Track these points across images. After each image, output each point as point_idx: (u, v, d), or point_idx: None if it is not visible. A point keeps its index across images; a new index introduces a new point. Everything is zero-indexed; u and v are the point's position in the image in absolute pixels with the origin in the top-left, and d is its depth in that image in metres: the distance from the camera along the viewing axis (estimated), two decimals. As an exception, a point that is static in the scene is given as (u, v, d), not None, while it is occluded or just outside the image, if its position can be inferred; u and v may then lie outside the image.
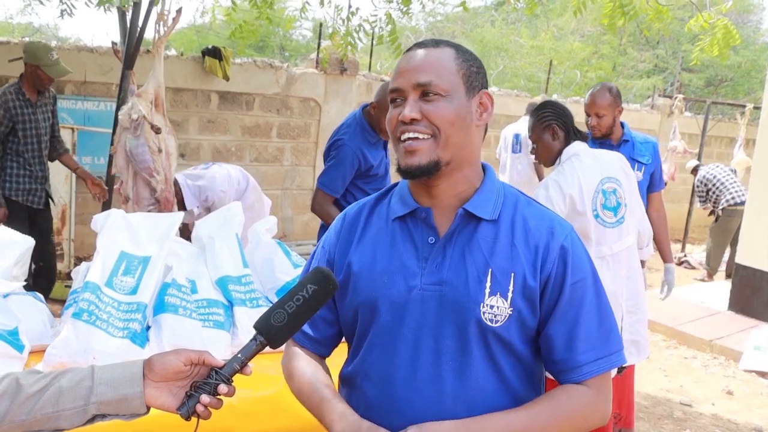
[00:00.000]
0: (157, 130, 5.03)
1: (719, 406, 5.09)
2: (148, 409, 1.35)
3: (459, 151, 1.51)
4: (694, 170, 9.66)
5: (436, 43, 1.55)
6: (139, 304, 2.39)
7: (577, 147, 3.34)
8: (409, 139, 1.48)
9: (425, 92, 1.48)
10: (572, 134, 3.38)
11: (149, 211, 4.80)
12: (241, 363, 1.37)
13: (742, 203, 8.45)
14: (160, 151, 4.85)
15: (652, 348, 6.22)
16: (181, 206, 5.15)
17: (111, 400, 1.31)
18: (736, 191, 8.84)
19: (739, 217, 8.14)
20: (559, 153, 3.37)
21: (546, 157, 3.43)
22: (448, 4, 21.66)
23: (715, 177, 9.09)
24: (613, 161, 3.37)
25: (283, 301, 1.39)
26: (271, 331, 1.37)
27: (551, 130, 3.37)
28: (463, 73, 1.52)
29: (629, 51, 20.72)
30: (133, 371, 1.34)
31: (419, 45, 1.55)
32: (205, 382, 1.35)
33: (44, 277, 5.20)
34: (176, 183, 5.07)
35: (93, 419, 1.32)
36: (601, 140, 4.12)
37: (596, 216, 3.27)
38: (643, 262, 3.75)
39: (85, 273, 2.49)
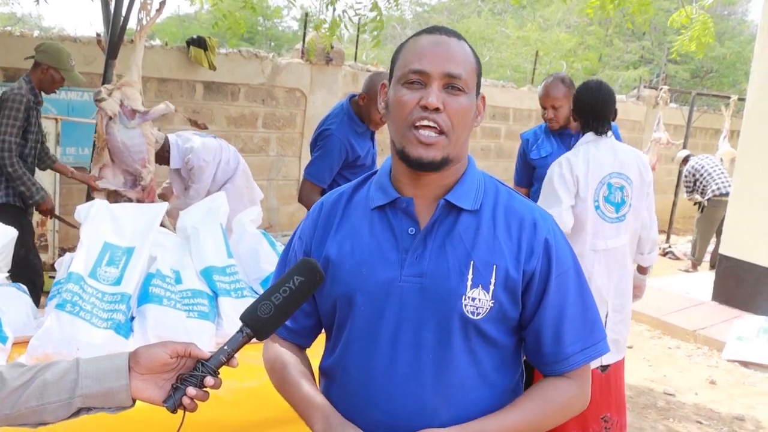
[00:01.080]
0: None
1: (702, 395, 5.13)
2: (134, 401, 1.34)
3: (461, 148, 1.49)
4: (685, 160, 9.71)
5: (456, 35, 1.50)
6: (123, 295, 2.37)
7: (592, 136, 3.40)
8: (426, 127, 1.42)
9: (451, 84, 1.43)
10: (586, 124, 3.44)
11: (129, 200, 4.75)
12: (227, 355, 1.35)
13: (728, 194, 8.53)
14: (157, 142, 4.83)
15: (637, 338, 6.28)
16: (167, 163, 5.12)
17: (96, 393, 1.30)
18: (722, 182, 8.91)
19: (724, 208, 8.23)
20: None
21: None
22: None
23: (703, 167, 9.15)
24: (630, 159, 3.38)
25: (269, 293, 1.38)
26: (258, 323, 1.36)
27: (572, 112, 3.54)
28: (477, 73, 1.50)
29: (615, 42, 20.78)
30: (118, 364, 1.32)
31: (440, 31, 1.49)
32: (192, 375, 1.33)
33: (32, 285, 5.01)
34: (167, 140, 5.03)
35: (78, 412, 1.31)
36: (560, 131, 4.01)
37: (597, 207, 3.27)
38: (646, 269, 3.76)
39: (69, 264, 2.47)
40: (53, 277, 2.75)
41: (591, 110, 3.38)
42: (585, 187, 3.26)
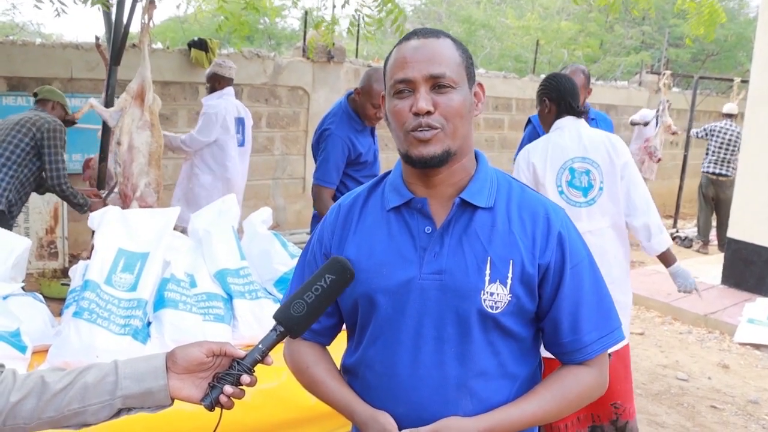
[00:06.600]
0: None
1: (715, 379, 5.14)
2: (173, 400, 1.37)
3: (463, 141, 1.52)
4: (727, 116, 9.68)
5: (436, 34, 1.53)
6: (139, 301, 2.40)
7: (564, 122, 3.40)
8: (422, 129, 1.47)
9: (438, 84, 1.47)
10: (564, 108, 3.42)
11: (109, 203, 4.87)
12: (262, 353, 1.39)
13: (713, 173, 9.11)
14: (119, 144, 4.85)
15: (648, 325, 6.29)
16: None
17: (136, 393, 1.33)
18: (710, 159, 9.19)
19: (712, 187, 9.00)
20: (551, 124, 3.46)
21: (543, 125, 3.57)
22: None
23: (714, 134, 9.29)
24: (598, 144, 3.35)
25: (301, 292, 1.43)
26: (291, 322, 1.41)
27: (543, 102, 3.48)
28: (465, 65, 1.53)
29: (616, 28, 20.68)
30: (156, 365, 1.36)
31: (419, 34, 1.53)
32: (228, 373, 1.37)
33: None
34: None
35: (119, 413, 1.35)
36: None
37: (560, 192, 3.31)
38: (666, 257, 3.62)
39: (84, 271, 2.49)
40: (66, 284, 2.77)
41: (567, 95, 3.43)
42: (543, 174, 3.31)
